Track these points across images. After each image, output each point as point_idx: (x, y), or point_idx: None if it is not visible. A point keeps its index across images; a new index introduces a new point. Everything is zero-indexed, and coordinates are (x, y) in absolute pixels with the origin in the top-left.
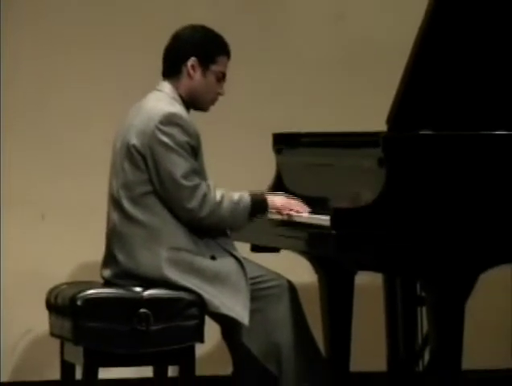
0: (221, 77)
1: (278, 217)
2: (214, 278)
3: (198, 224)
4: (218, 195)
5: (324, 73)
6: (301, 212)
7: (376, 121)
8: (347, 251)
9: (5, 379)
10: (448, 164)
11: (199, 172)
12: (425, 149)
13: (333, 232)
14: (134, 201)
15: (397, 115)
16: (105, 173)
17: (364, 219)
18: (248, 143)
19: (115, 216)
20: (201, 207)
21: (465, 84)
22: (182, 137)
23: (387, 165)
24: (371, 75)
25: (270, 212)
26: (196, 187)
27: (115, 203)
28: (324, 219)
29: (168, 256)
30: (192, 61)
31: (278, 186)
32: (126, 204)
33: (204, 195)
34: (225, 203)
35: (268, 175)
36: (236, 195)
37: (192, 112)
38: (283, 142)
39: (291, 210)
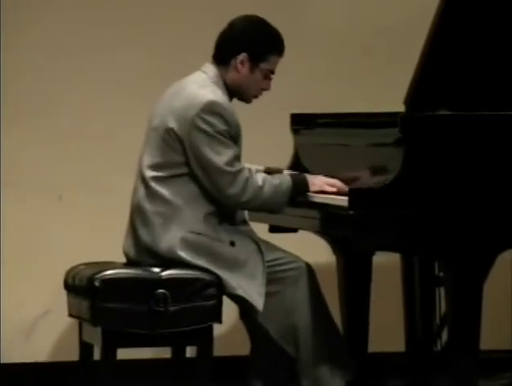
0: (269, 74)
1: (322, 196)
2: (232, 264)
3: (241, 208)
4: (260, 179)
5: (341, 53)
6: (342, 190)
7: (394, 101)
8: (364, 231)
9: (23, 359)
10: (465, 144)
11: (240, 158)
12: (443, 130)
13: (351, 212)
14: (162, 181)
15: (415, 95)
16: (123, 152)
17: (381, 200)
18: (266, 123)
19: (141, 192)
20: (243, 192)
21: (483, 64)
22: (222, 126)
23: (405, 145)
24: (389, 54)
25: (311, 193)
26: (238, 173)
27: (143, 180)
28: (341, 200)
29: (187, 239)
30: (242, 56)
31: (295, 166)
32: (153, 183)
33: (247, 180)
34: (267, 187)
35: (286, 155)
36: (277, 178)
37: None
38: (301, 123)
39: (332, 187)
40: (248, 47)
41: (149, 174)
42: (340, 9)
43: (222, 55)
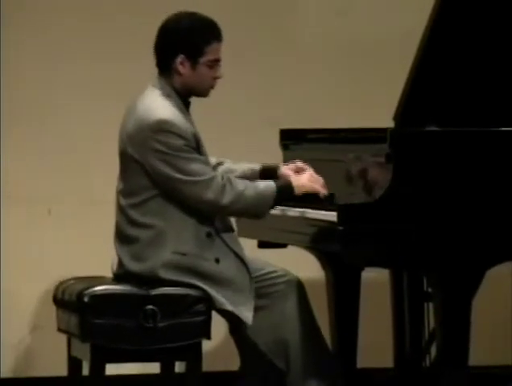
0: (214, 64)
1: (312, 212)
2: (218, 281)
3: (222, 214)
4: (241, 184)
5: (330, 69)
6: (323, 192)
7: (383, 117)
8: (353, 247)
9: (12, 374)
10: (454, 160)
11: (209, 164)
12: (432, 145)
13: (340, 227)
14: (137, 207)
15: (404, 111)
16: (111, 166)
17: (370, 215)
18: (255, 139)
19: (120, 219)
20: (222, 195)
21: (472, 81)
22: (178, 142)
23: (394, 161)
24: (378, 70)
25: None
26: (211, 179)
27: (120, 207)
28: (330, 215)
29: (171, 261)
30: (179, 59)
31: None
32: (130, 211)
33: (224, 185)
34: (249, 191)
35: None
36: (261, 184)
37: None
38: (290, 138)
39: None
40: (181, 47)
41: (123, 201)
42: (330, 19)
43: (162, 63)
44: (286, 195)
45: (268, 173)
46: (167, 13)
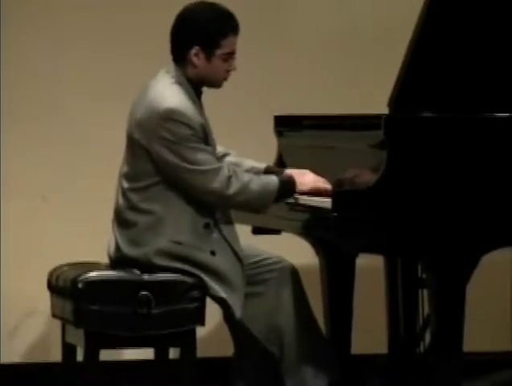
0: (229, 57)
1: (306, 198)
2: (212, 271)
3: (225, 204)
4: (247, 176)
5: (325, 55)
6: (326, 189)
7: (377, 104)
8: (347, 233)
9: (6, 360)
10: (449, 146)
11: (215, 155)
12: (426, 132)
13: (334, 214)
14: (139, 192)
15: (398, 97)
16: (106, 154)
17: (365, 202)
18: (249, 125)
19: (121, 202)
20: (228, 186)
21: (467, 66)
22: (186, 132)
23: (388, 147)
24: (374, 57)
25: (299, 195)
26: (218, 169)
27: (121, 190)
28: (325, 202)
29: (167, 248)
30: (194, 50)
31: (279, 168)
32: (131, 195)
33: (229, 176)
34: (254, 184)
35: (269, 158)
36: (265, 178)
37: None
38: (285, 125)
39: (319, 191)
40: (198, 38)
41: (125, 184)
42: (326, 11)
43: (176, 53)
44: (288, 191)
45: (272, 174)
46: (168, 9)
